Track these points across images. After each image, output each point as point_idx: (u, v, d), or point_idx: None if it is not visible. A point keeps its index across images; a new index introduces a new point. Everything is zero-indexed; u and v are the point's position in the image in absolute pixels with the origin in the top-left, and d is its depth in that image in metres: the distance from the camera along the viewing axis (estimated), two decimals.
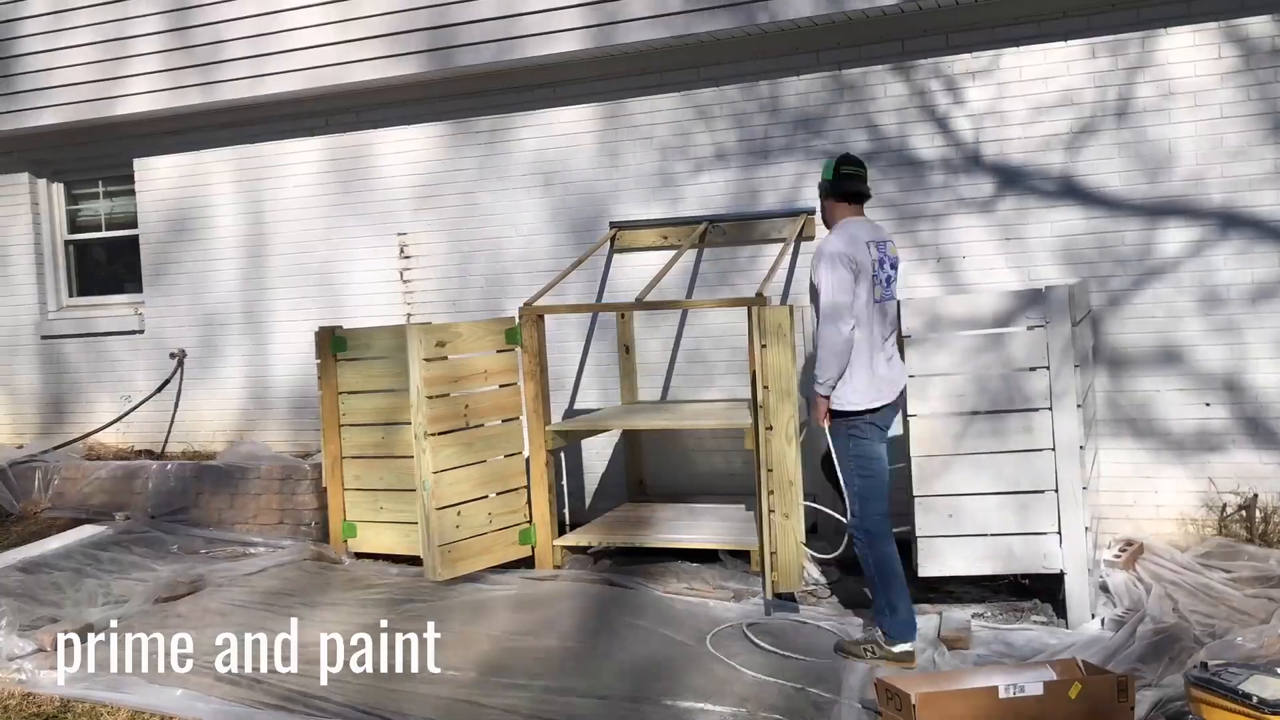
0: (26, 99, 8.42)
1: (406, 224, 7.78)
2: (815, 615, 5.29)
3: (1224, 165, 5.96)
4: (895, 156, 6.55)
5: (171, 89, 7.99)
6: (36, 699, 4.65)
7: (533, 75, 7.29)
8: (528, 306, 6.24)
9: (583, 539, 6.36)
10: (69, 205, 9.25)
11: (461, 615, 5.46)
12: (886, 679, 3.99)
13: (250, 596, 5.87)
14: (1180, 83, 6.03)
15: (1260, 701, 3.49)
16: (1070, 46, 6.20)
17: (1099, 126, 6.17)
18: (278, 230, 8.22)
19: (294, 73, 7.61)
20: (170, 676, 4.75)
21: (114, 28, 8.12)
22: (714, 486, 7.08)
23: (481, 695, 4.49)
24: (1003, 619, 5.13)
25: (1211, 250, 6.00)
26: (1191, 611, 4.96)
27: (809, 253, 6.75)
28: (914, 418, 5.08)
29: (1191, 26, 5.99)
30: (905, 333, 5.05)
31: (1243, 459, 5.97)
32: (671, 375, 7.17)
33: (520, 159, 7.45)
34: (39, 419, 9.11)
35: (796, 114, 6.77)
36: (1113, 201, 6.17)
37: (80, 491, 7.71)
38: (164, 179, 8.57)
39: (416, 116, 7.71)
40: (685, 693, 4.42)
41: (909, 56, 6.51)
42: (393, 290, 7.84)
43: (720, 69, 6.92)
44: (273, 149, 8.20)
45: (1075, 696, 3.79)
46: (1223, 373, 6.00)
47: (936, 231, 6.48)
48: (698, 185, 7.02)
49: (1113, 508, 6.16)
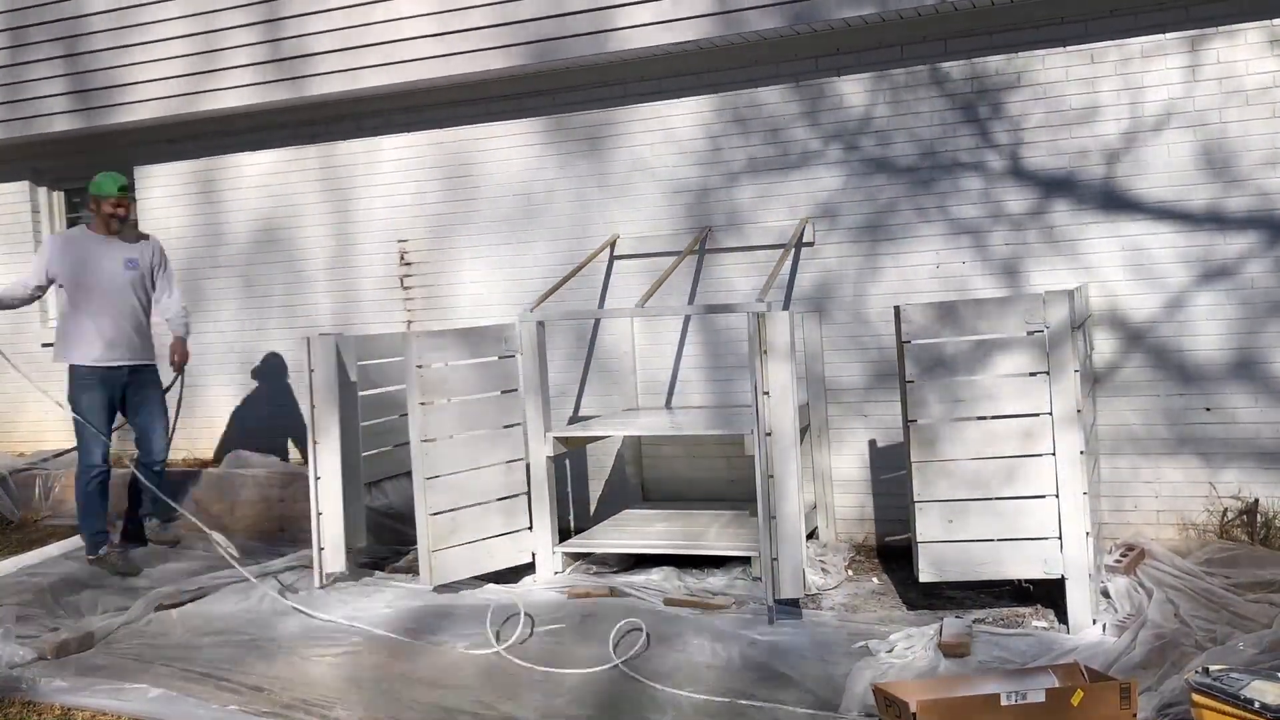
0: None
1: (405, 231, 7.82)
2: (819, 620, 5.28)
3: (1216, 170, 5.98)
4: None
5: (178, 95, 8.01)
6: (37, 707, 4.65)
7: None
8: (528, 313, 6.25)
9: (584, 545, 6.36)
10: (69, 213, 9.26)
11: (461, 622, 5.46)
12: (885, 686, 3.98)
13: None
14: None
15: (1263, 706, 3.49)
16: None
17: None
18: (279, 236, 8.23)
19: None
20: (174, 684, 4.75)
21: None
22: (716, 492, 7.09)
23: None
24: (1003, 625, 5.12)
25: (1214, 252, 6.02)
26: (1193, 617, 4.95)
27: (808, 257, 6.77)
28: (913, 423, 5.08)
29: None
30: (905, 337, 5.05)
31: (1243, 464, 5.97)
32: (675, 381, 7.18)
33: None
34: (39, 426, 9.11)
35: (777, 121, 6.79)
36: (1112, 203, 6.18)
37: None
38: (165, 186, 8.58)
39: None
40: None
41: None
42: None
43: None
44: (270, 156, 8.22)
45: (1078, 703, 3.78)
46: (1224, 377, 6.00)
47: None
48: (696, 191, 7.04)
49: (1114, 513, 6.16)
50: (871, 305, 6.66)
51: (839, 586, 5.84)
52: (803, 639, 5.03)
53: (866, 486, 6.73)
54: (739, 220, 6.94)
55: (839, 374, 6.74)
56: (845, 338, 6.72)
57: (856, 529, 6.74)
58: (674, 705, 4.41)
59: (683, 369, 7.16)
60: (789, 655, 4.83)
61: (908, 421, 5.09)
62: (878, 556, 6.45)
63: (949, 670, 4.56)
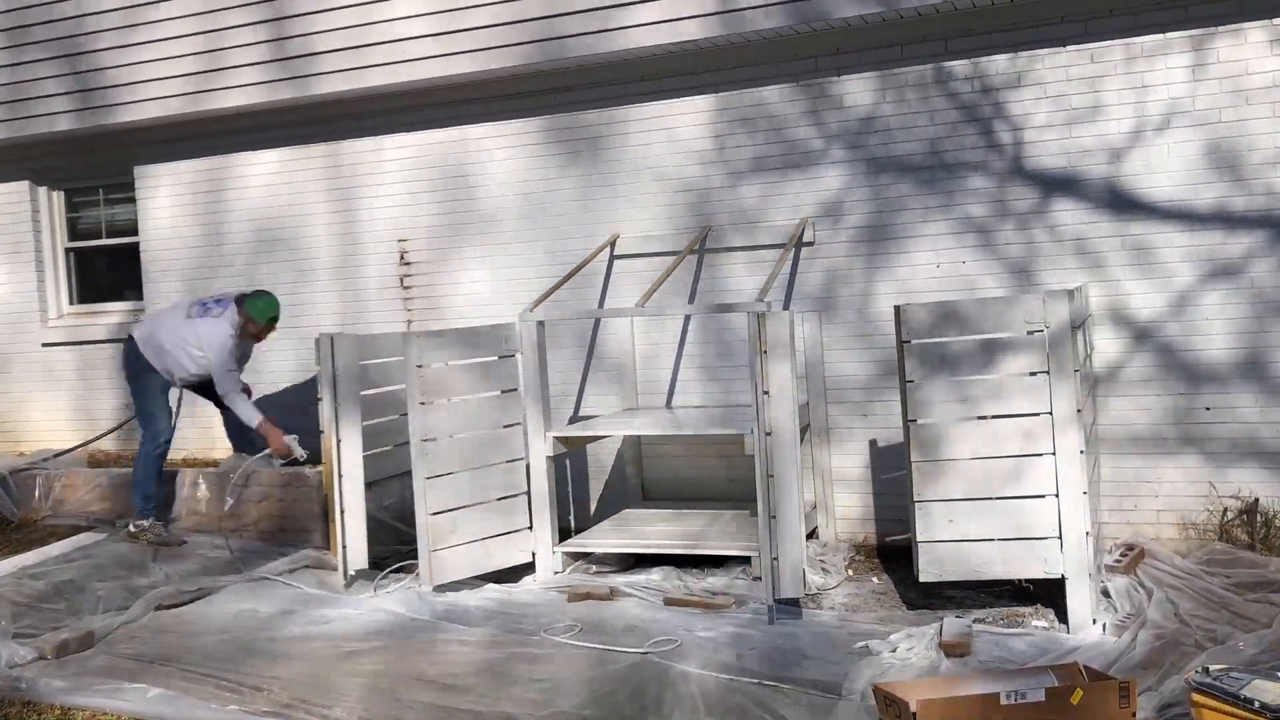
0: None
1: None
2: (819, 620, 5.28)
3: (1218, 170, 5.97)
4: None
5: (181, 95, 8.02)
6: (37, 707, 4.64)
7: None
8: (528, 312, 6.25)
9: (584, 545, 6.36)
10: (69, 213, 9.27)
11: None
12: (885, 686, 3.98)
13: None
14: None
15: (1262, 706, 3.49)
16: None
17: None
18: (281, 236, 8.24)
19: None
20: (174, 684, 4.75)
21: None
22: (716, 492, 7.08)
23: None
24: (1003, 624, 5.12)
25: (1217, 254, 6.01)
26: (1193, 616, 4.95)
27: (808, 257, 6.77)
28: (913, 423, 5.08)
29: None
30: (905, 337, 5.05)
31: (1244, 464, 5.97)
32: (675, 381, 7.17)
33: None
34: (40, 426, 9.11)
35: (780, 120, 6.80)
36: (1116, 202, 6.18)
37: (81, 499, 7.70)
38: (168, 186, 8.58)
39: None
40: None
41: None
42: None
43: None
44: (273, 156, 8.22)
45: (1077, 702, 3.78)
46: (1224, 377, 6.00)
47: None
48: (699, 190, 7.04)
49: (1114, 512, 6.16)
50: (872, 305, 6.66)
51: (839, 586, 5.84)
52: (803, 639, 5.03)
53: (867, 486, 6.73)
54: (739, 220, 6.94)
55: (840, 373, 6.74)
56: (846, 337, 6.72)
57: (857, 529, 6.74)
58: (674, 704, 4.41)
59: (683, 369, 7.15)
60: (789, 655, 4.83)
61: (908, 421, 5.09)
62: (878, 556, 6.45)
63: (949, 670, 4.56)
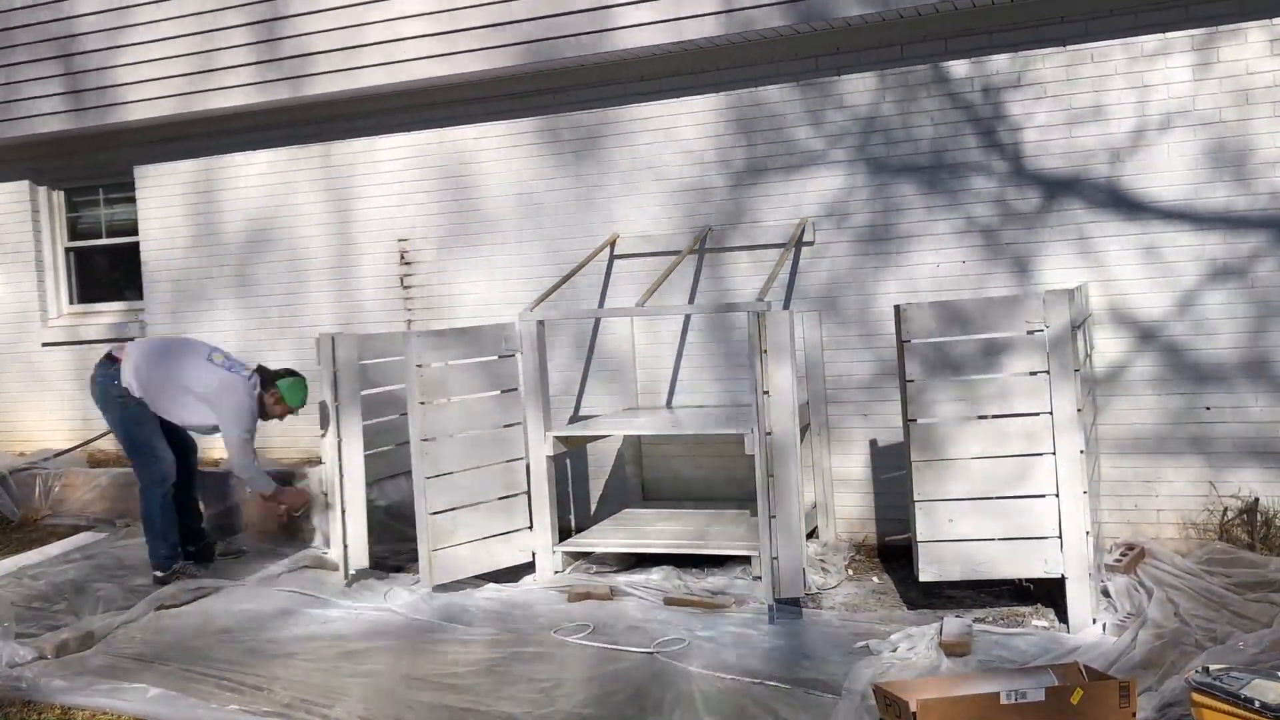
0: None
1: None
2: (819, 620, 5.28)
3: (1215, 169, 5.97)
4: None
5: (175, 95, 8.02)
6: (37, 707, 4.64)
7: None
8: (528, 312, 6.24)
9: (584, 544, 6.36)
10: (69, 213, 9.27)
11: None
12: (885, 686, 3.98)
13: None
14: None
15: (1263, 706, 3.49)
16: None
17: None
18: (278, 236, 8.23)
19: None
20: (174, 684, 4.74)
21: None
22: (716, 492, 7.08)
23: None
24: (1004, 624, 5.12)
25: (1217, 254, 6.01)
26: (1193, 616, 4.95)
27: (808, 257, 6.76)
28: (914, 423, 5.08)
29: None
30: (905, 337, 5.05)
31: (1244, 464, 5.97)
32: (675, 380, 7.17)
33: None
34: (40, 426, 9.11)
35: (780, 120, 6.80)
36: (1118, 202, 6.18)
37: (81, 499, 7.70)
38: (164, 187, 8.58)
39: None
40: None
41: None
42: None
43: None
44: (269, 156, 8.22)
45: (1077, 702, 3.78)
46: (1225, 377, 6.00)
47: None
48: (699, 190, 7.04)
49: (1114, 512, 6.16)
50: (873, 305, 6.66)
51: (839, 586, 5.84)
52: (803, 638, 5.03)
53: (867, 486, 6.73)
54: (740, 220, 6.94)
55: (840, 373, 6.73)
56: (846, 337, 6.72)
57: (857, 529, 6.73)
58: (674, 704, 4.41)
59: (683, 369, 7.15)
60: (789, 655, 4.83)
61: (908, 421, 5.09)
62: (878, 556, 6.45)
63: (949, 669, 4.56)
